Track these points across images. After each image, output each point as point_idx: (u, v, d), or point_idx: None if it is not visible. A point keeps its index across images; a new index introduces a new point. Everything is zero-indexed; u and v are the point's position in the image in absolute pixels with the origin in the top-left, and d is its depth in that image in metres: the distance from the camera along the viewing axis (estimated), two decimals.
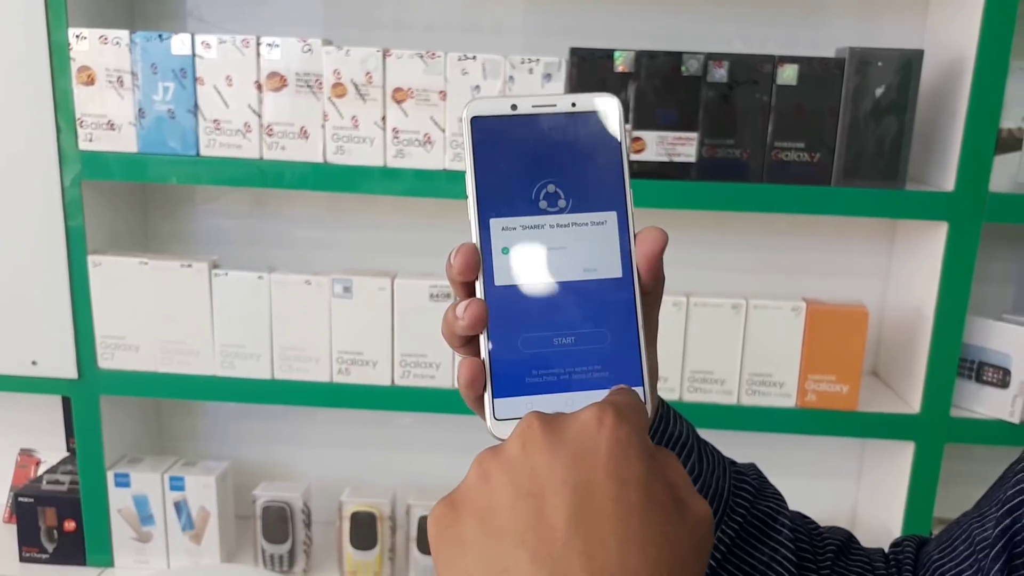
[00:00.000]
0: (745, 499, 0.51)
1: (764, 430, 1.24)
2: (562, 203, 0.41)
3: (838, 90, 1.14)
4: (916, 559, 0.53)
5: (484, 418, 0.40)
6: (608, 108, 0.42)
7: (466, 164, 0.40)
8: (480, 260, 0.40)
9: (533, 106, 0.41)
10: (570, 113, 0.41)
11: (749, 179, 1.17)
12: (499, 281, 0.40)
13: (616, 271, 0.41)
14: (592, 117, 0.42)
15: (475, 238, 0.40)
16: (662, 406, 0.49)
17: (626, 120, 1.15)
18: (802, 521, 0.54)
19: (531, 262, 0.40)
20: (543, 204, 0.41)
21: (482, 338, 0.40)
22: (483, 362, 0.39)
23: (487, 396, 0.40)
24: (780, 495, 0.54)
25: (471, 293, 0.40)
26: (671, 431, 0.49)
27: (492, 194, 0.40)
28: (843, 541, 0.55)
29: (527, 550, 0.31)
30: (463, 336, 0.40)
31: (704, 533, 0.34)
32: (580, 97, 0.42)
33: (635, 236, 0.41)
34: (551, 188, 0.41)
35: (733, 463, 0.52)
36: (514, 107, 0.41)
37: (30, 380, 1.29)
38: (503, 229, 0.40)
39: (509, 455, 0.34)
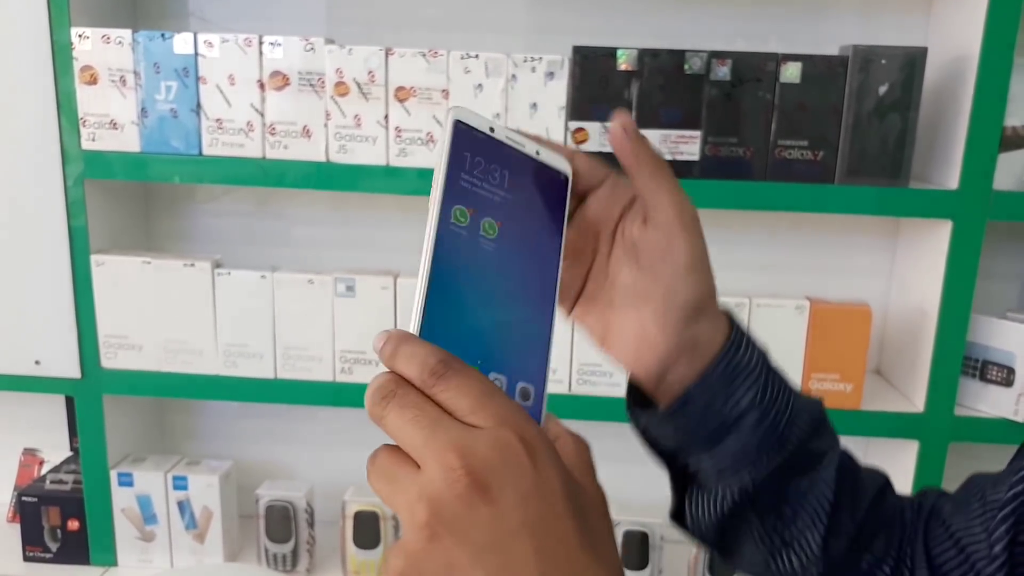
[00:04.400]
0: (798, 435, 0.51)
1: None
2: (507, 226, 0.43)
3: (841, 88, 1.13)
4: (931, 510, 0.54)
5: None
6: (560, 168, 0.46)
7: (439, 157, 0.42)
8: (436, 232, 0.42)
9: (507, 137, 0.44)
10: (533, 158, 0.45)
11: (752, 177, 1.16)
12: (439, 267, 0.42)
13: (544, 304, 0.43)
14: (546, 169, 0.45)
15: (432, 222, 0.41)
16: (735, 332, 0.50)
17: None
18: (850, 464, 0.55)
19: (475, 259, 0.42)
20: (493, 218, 0.42)
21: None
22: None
23: None
24: (835, 436, 0.54)
25: None
26: (738, 359, 0.49)
27: (456, 189, 0.42)
28: (880, 487, 0.55)
29: None
30: None
31: (604, 508, 0.39)
32: (545, 152, 0.45)
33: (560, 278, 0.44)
34: (504, 206, 0.43)
35: (799, 397, 0.52)
36: (492, 130, 0.43)
37: (33, 380, 1.29)
38: (456, 220, 0.42)
39: (451, 512, 0.34)
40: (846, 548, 0.52)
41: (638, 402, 0.51)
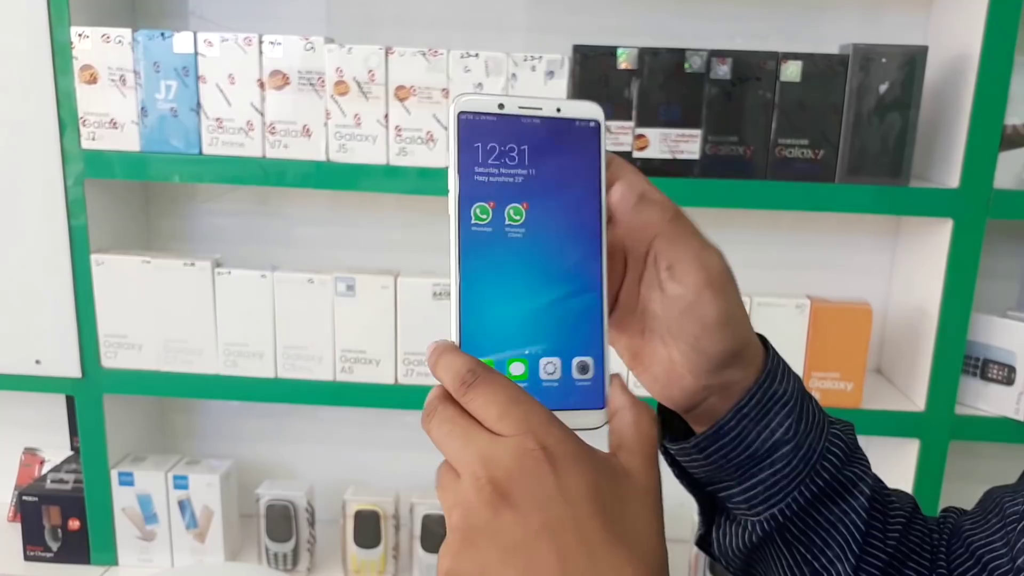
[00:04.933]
0: (832, 464, 0.50)
1: None
2: (540, 199, 0.42)
3: (842, 87, 1.13)
4: (952, 529, 0.54)
5: None
6: (590, 114, 0.43)
7: (450, 157, 0.41)
8: (458, 238, 0.41)
9: (520, 108, 0.42)
10: (554, 117, 0.43)
11: (753, 176, 1.16)
12: (468, 270, 0.41)
13: (589, 269, 0.42)
14: (574, 123, 0.43)
15: (453, 227, 0.41)
16: (770, 362, 0.48)
17: (628, 117, 1.15)
18: (880, 490, 0.53)
19: (505, 252, 0.41)
20: (518, 202, 0.42)
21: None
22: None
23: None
24: (866, 460, 0.53)
25: None
26: (775, 390, 0.47)
27: (472, 188, 0.41)
28: (909, 513, 0.54)
29: None
30: None
31: (648, 496, 0.39)
32: (567, 105, 0.43)
33: (605, 235, 0.43)
34: (528, 185, 0.42)
35: (832, 423, 0.52)
36: (501, 107, 0.42)
37: (34, 379, 1.29)
38: (477, 219, 0.41)
39: (477, 522, 0.37)
40: None
41: (666, 426, 0.50)
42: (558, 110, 0.43)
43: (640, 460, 0.39)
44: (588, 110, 0.43)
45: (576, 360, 0.42)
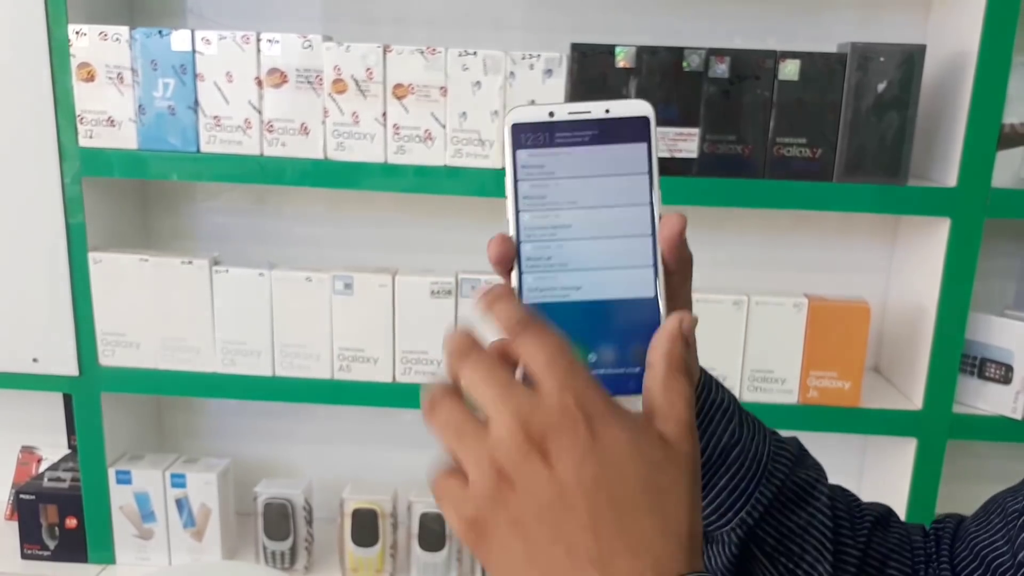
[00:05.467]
0: (784, 465, 0.52)
1: None
2: (593, 199, 0.43)
3: (840, 85, 1.13)
4: (955, 533, 0.55)
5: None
6: (640, 111, 0.45)
7: (506, 167, 0.43)
8: (516, 248, 0.42)
9: (569, 113, 0.44)
10: (603, 118, 0.44)
11: (751, 175, 1.16)
12: (529, 266, 0.42)
13: (644, 260, 0.43)
14: (623, 121, 0.44)
15: (512, 233, 0.43)
16: (703, 375, 0.51)
17: None
18: (841, 492, 0.56)
19: (561, 251, 0.43)
20: (575, 200, 0.43)
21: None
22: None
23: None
24: (820, 466, 0.55)
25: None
26: (713, 398, 0.51)
27: (529, 193, 0.43)
28: (882, 514, 0.56)
29: (562, 544, 0.36)
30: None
31: (684, 465, 0.38)
32: (615, 105, 0.44)
33: (659, 226, 0.44)
34: (583, 186, 0.43)
35: (775, 433, 0.54)
36: (551, 115, 0.43)
37: (31, 377, 1.29)
38: (536, 223, 0.43)
39: (517, 472, 0.36)
40: None
41: None
42: (607, 111, 0.44)
43: (674, 426, 0.39)
44: (635, 108, 0.45)
45: (629, 350, 0.42)
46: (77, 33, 1.16)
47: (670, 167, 1.16)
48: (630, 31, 1.29)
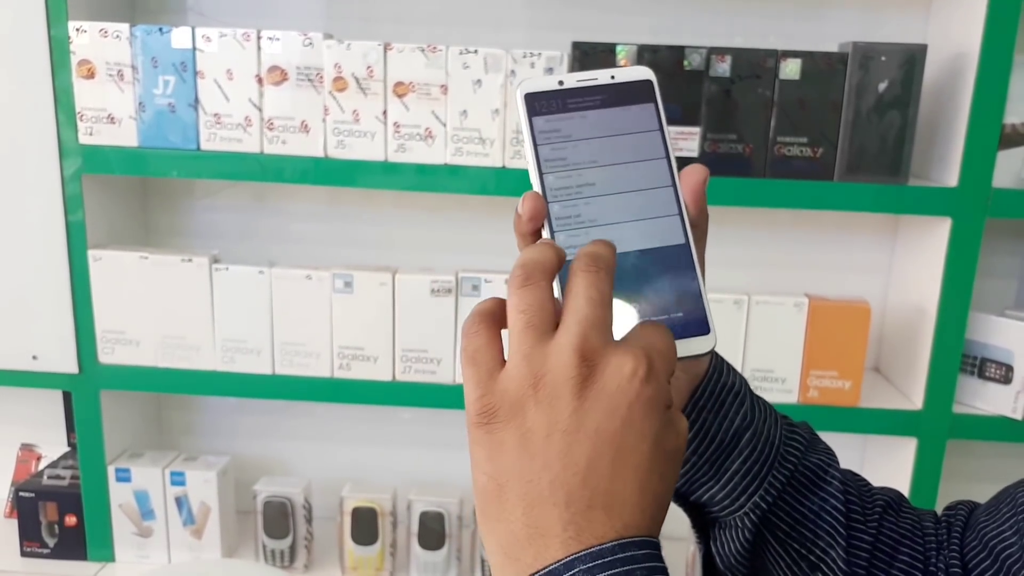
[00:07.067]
0: (797, 449, 0.53)
1: None
2: (612, 157, 0.45)
3: (841, 85, 1.13)
4: (966, 522, 0.55)
5: None
6: (642, 76, 0.47)
7: (524, 134, 0.44)
8: (546, 207, 0.43)
9: (578, 81, 0.45)
10: (610, 84, 0.46)
11: (752, 174, 1.16)
12: (560, 227, 0.43)
13: (669, 209, 0.45)
14: (629, 85, 0.46)
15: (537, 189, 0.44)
16: (714, 358, 0.51)
17: None
18: (852, 477, 0.56)
19: (589, 208, 0.44)
20: (595, 159, 0.44)
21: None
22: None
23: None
24: (831, 451, 0.55)
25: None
26: (724, 380, 0.51)
27: (550, 156, 0.44)
28: (893, 499, 0.56)
29: (550, 473, 0.36)
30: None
31: (680, 450, 0.39)
32: (620, 72, 0.46)
33: (679, 176, 0.46)
34: (601, 145, 0.45)
35: (786, 417, 0.54)
36: (561, 83, 0.45)
37: (31, 375, 1.29)
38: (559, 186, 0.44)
39: (553, 390, 0.37)
40: (868, 562, 0.52)
41: None
42: (612, 77, 0.46)
43: (677, 413, 0.40)
44: (637, 73, 0.47)
45: (670, 296, 0.44)
46: (77, 30, 1.16)
47: None
48: (631, 30, 1.29)
